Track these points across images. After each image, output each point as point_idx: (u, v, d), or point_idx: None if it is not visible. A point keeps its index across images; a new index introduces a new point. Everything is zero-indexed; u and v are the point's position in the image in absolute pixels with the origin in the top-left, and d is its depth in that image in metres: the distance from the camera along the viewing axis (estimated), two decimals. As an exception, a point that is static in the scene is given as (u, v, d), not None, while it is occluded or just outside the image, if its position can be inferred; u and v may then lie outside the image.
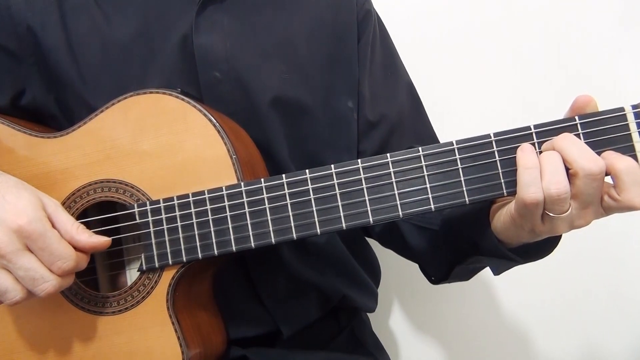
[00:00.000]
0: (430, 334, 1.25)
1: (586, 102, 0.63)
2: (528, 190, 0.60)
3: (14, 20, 0.81)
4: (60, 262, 0.66)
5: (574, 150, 0.60)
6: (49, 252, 0.65)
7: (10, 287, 0.65)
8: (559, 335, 1.23)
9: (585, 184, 0.59)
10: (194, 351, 0.74)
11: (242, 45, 0.83)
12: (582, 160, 0.59)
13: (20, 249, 0.65)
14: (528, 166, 0.61)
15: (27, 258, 0.65)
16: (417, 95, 0.96)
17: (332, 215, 0.69)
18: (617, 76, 1.18)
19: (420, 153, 0.67)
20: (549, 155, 0.61)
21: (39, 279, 0.65)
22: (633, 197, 0.59)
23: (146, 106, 0.74)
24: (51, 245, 0.65)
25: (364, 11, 0.91)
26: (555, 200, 0.60)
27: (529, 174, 0.61)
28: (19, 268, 0.65)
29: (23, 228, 0.64)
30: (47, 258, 0.65)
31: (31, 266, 0.65)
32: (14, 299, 0.66)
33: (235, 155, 0.72)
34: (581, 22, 1.19)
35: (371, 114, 0.90)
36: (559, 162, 0.60)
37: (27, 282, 0.65)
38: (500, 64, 1.21)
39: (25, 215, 0.65)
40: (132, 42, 0.81)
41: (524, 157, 0.62)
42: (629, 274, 1.21)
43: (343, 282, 0.91)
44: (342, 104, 0.88)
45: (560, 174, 0.60)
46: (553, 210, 0.61)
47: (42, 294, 0.65)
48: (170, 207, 0.72)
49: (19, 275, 0.65)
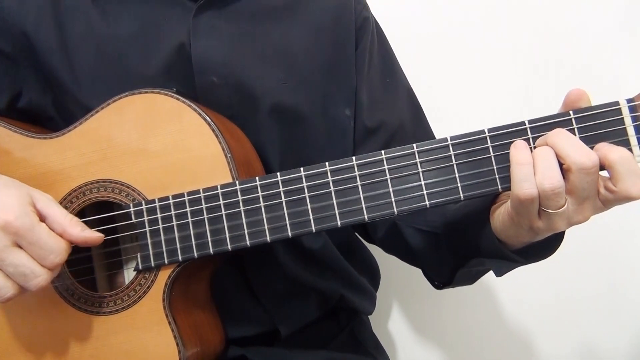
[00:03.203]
0: (429, 336, 1.25)
1: (579, 95, 0.63)
2: (522, 186, 0.60)
3: (7, 22, 0.81)
4: (53, 256, 0.66)
5: (567, 145, 0.60)
6: (39, 247, 0.65)
7: (1, 283, 0.65)
8: (558, 336, 1.22)
9: (580, 178, 0.59)
10: (191, 350, 0.74)
11: (240, 51, 0.83)
12: (575, 154, 0.59)
13: (8, 245, 0.65)
14: (521, 162, 0.61)
15: (15, 254, 0.65)
16: (417, 101, 0.96)
17: (327, 213, 0.68)
18: (614, 72, 1.17)
19: (414, 150, 0.67)
20: (541, 150, 0.61)
21: (29, 275, 0.65)
22: (629, 187, 0.58)
23: (141, 106, 0.75)
24: (40, 240, 0.65)
25: (362, 18, 0.91)
26: (550, 195, 0.59)
27: (521, 170, 0.60)
28: (9, 265, 0.65)
29: (10, 224, 0.64)
30: (37, 252, 0.65)
31: (20, 262, 0.65)
32: (6, 295, 0.66)
33: (230, 154, 0.72)
34: (578, 19, 1.19)
35: (369, 121, 0.89)
36: (552, 157, 0.60)
37: (17, 278, 0.65)
38: (498, 63, 1.20)
39: (12, 211, 0.65)
40: (128, 44, 0.81)
41: (517, 154, 0.62)
42: (629, 274, 1.20)
43: (339, 284, 0.91)
44: (339, 112, 0.88)
45: (554, 169, 0.59)
46: (548, 206, 0.60)
47: (35, 288, 0.65)
48: (166, 206, 0.72)
49: (9, 271, 0.65)
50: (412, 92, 0.95)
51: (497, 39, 1.20)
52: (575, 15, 1.19)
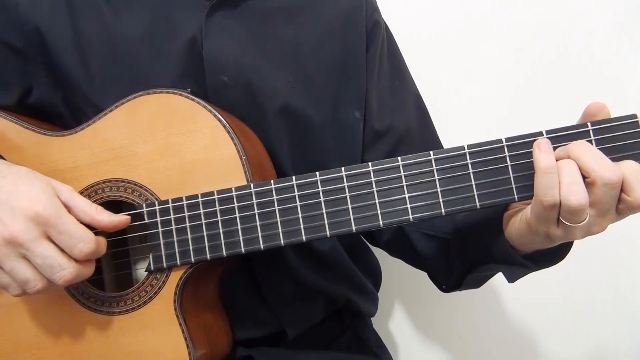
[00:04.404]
0: (431, 336, 1.25)
1: (599, 109, 0.63)
2: (547, 192, 0.60)
3: (21, 18, 0.80)
4: (82, 245, 0.65)
5: (591, 159, 0.60)
6: (69, 235, 0.65)
7: (30, 276, 0.65)
8: (562, 338, 1.23)
9: (605, 192, 0.59)
10: (200, 351, 0.74)
11: (251, 52, 0.82)
12: (601, 169, 0.59)
13: (38, 236, 0.64)
14: (547, 170, 0.60)
15: (44, 246, 0.64)
16: (425, 107, 0.96)
17: (342, 218, 0.69)
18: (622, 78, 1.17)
19: (431, 157, 0.67)
20: (567, 164, 0.61)
21: (56, 267, 0.64)
22: None
23: (156, 106, 0.74)
24: (70, 229, 0.65)
25: (373, 22, 0.91)
26: (575, 210, 0.59)
27: (548, 178, 0.60)
28: (37, 256, 0.64)
29: (40, 214, 0.64)
30: (67, 242, 0.65)
31: (49, 254, 0.64)
32: (35, 288, 0.65)
33: (245, 157, 0.72)
34: (585, 23, 1.19)
35: (378, 124, 0.89)
36: (577, 171, 0.60)
37: (45, 270, 0.65)
38: (503, 67, 1.20)
39: (40, 202, 0.65)
40: (140, 43, 0.81)
41: (543, 159, 0.61)
42: (633, 277, 1.21)
43: (347, 287, 0.92)
44: (349, 115, 0.88)
45: (580, 185, 0.59)
46: (571, 220, 0.60)
47: (61, 281, 0.65)
48: (179, 207, 0.72)
49: (37, 263, 0.64)
50: (419, 97, 0.96)
51: (500, 40, 1.20)
52: (575, 14, 1.19)
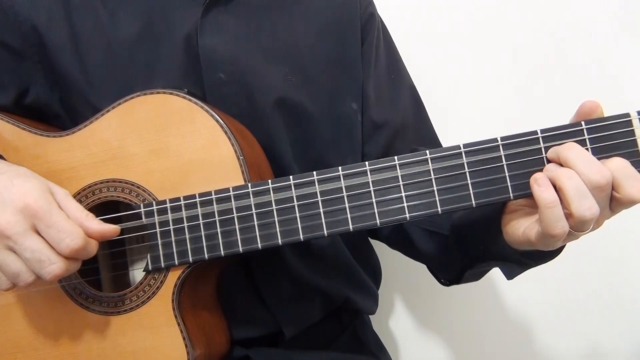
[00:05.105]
0: (431, 334, 1.26)
1: (593, 108, 0.64)
2: (556, 226, 0.60)
3: (18, 18, 0.80)
4: (69, 240, 0.65)
5: (580, 163, 0.60)
6: (56, 229, 0.64)
7: (22, 269, 0.65)
8: (561, 336, 1.23)
9: (595, 194, 0.60)
10: (198, 351, 0.74)
11: (247, 47, 0.83)
12: (589, 172, 0.60)
13: (27, 229, 0.64)
14: (550, 205, 0.60)
15: (33, 239, 0.64)
16: (420, 98, 0.97)
17: (339, 217, 0.69)
18: (618, 77, 1.18)
19: (427, 156, 0.67)
20: (565, 182, 0.60)
21: (45, 261, 0.64)
22: (632, 192, 0.60)
23: (153, 106, 0.74)
24: (58, 222, 0.65)
25: (368, 14, 0.92)
26: (588, 221, 0.60)
27: (553, 213, 0.60)
28: (25, 249, 0.64)
29: (29, 206, 0.64)
30: (54, 235, 0.64)
31: (37, 247, 0.64)
32: (27, 281, 0.65)
33: (242, 157, 0.72)
34: (585, 23, 1.20)
35: (376, 115, 0.91)
36: (581, 183, 0.60)
37: (33, 264, 0.64)
38: (500, 64, 1.21)
39: (31, 195, 0.65)
40: (137, 43, 0.81)
41: (543, 195, 0.61)
42: (631, 274, 1.22)
43: (346, 285, 0.92)
44: (346, 106, 0.89)
45: (588, 197, 0.59)
46: (579, 229, 0.61)
47: (49, 276, 0.65)
48: (177, 207, 0.72)
49: (26, 257, 0.64)
50: (415, 90, 0.97)
51: (498, 38, 1.21)
52: (576, 14, 1.20)
